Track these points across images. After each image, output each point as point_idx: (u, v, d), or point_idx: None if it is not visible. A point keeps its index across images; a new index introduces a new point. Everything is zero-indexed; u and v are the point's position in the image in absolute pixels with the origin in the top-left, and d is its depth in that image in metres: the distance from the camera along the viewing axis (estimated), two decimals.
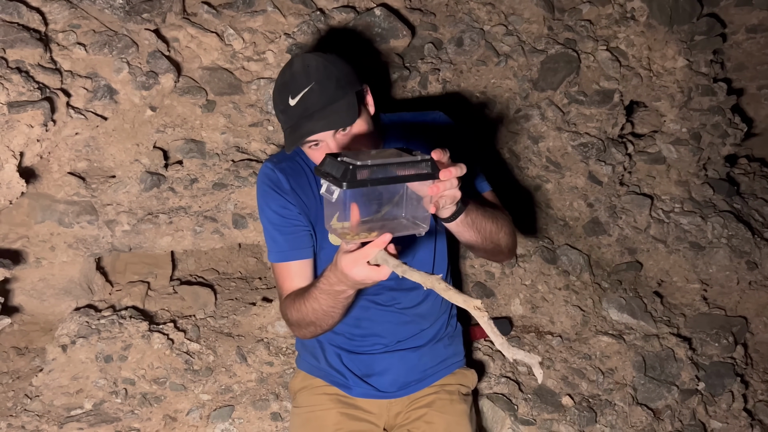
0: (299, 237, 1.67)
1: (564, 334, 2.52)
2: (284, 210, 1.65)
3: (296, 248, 1.67)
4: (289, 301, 1.62)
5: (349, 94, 1.48)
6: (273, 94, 1.55)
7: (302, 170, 1.68)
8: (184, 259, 2.63)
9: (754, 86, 3.80)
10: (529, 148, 2.89)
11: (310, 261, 1.69)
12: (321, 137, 1.46)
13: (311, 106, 1.44)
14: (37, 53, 2.00)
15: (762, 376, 2.83)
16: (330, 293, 1.43)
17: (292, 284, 1.67)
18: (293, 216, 1.66)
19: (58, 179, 2.13)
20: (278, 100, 1.51)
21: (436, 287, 1.14)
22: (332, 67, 1.48)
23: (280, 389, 2.05)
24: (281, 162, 1.68)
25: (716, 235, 2.98)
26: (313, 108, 1.44)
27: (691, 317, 2.77)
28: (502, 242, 1.58)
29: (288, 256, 1.67)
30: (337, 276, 1.35)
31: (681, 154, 3.10)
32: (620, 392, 2.35)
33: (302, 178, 1.67)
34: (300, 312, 1.56)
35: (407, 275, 1.17)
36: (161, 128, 2.27)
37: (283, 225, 1.66)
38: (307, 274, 1.68)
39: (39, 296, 2.15)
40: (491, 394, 2.16)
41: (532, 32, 2.93)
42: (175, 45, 2.31)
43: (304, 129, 1.44)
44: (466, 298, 1.10)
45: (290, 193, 1.65)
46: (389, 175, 1.15)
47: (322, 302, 1.48)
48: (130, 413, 1.89)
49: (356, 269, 1.25)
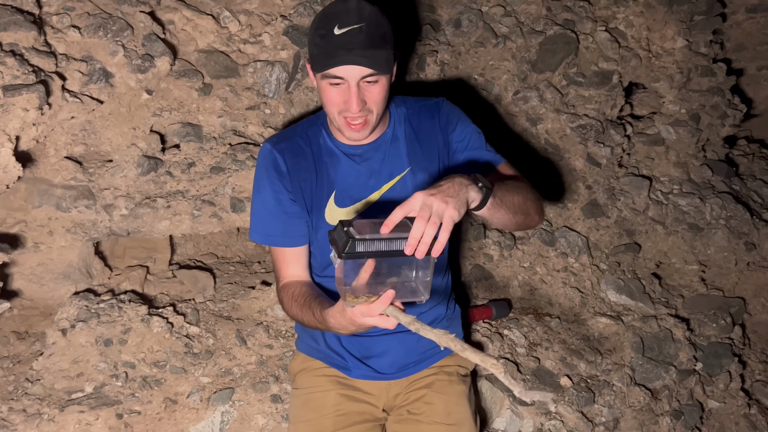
0: (291, 225, 1.69)
1: (562, 316, 2.53)
2: (279, 195, 1.67)
3: (288, 236, 1.70)
4: (287, 296, 1.67)
5: (389, 49, 1.51)
6: (315, 20, 1.55)
7: (301, 151, 1.68)
8: (183, 244, 2.63)
9: (754, 67, 3.77)
10: (528, 131, 2.88)
11: (304, 248, 1.73)
12: (350, 75, 1.47)
13: (355, 42, 1.45)
14: (31, 36, 1.98)
15: (759, 356, 2.84)
16: (329, 329, 1.50)
17: (288, 271, 1.72)
18: (287, 203, 1.68)
19: (54, 164, 2.12)
20: (320, 25, 1.50)
21: (451, 347, 1.19)
22: (383, 19, 1.51)
23: (279, 372, 2.06)
24: (280, 142, 1.69)
25: (715, 216, 2.98)
26: (355, 45, 1.45)
27: (689, 298, 2.78)
28: (531, 209, 1.58)
29: (278, 242, 1.71)
30: (341, 322, 1.40)
31: (680, 135, 3.09)
32: (618, 373, 2.37)
33: (300, 159, 1.68)
34: (293, 313, 1.65)
35: (421, 332, 1.23)
36: (158, 112, 2.25)
37: (275, 211, 1.68)
38: (303, 260, 1.73)
39: (38, 281, 2.15)
40: (490, 375, 2.17)
41: (531, 13, 2.91)
42: (170, 28, 2.29)
43: (343, 58, 1.45)
44: (483, 357, 1.16)
45: (286, 176, 1.67)
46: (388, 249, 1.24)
47: (318, 325, 1.55)
48: (130, 396, 1.90)
49: (366, 320, 1.30)
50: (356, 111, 1.51)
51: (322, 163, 1.69)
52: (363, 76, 1.48)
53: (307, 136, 1.70)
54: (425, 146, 1.72)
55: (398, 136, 1.71)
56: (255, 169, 1.72)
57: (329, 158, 1.69)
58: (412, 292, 1.33)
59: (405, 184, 1.71)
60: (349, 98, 1.50)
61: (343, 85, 1.49)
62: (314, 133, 1.71)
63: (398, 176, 1.71)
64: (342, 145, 1.69)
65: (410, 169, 1.71)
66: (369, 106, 1.53)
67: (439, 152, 1.73)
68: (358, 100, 1.50)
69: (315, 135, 1.70)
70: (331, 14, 1.49)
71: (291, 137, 1.70)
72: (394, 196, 1.70)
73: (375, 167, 1.69)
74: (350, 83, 1.48)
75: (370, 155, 1.69)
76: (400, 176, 1.71)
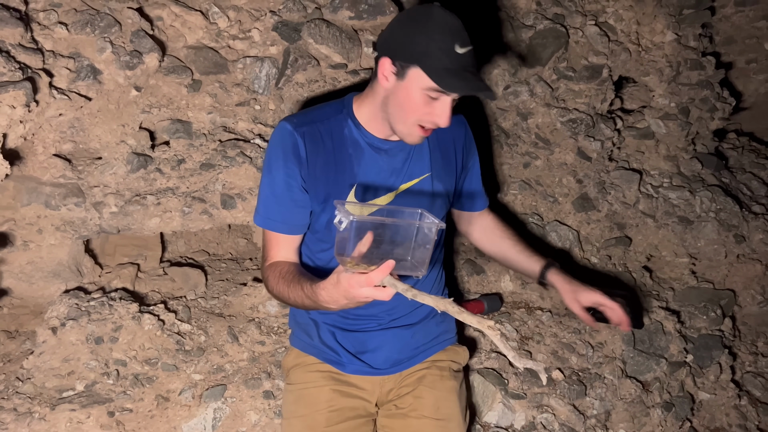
0: (294, 213, 1.66)
1: (554, 309, 2.54)
2: (290, 180, 1.63)
3: (287, 222, 1.67)
4: (273, 274, 1.64)
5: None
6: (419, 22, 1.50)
7: (322, 138, 1.64)
8: (174, 241, 2.63)
9: (743, 60, 3.79)
10: (519, 125, 2.89)
11: (300, 237, 1.71)
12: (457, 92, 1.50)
13: (473, 65, 1.50)
14: (18, 33, 1.97)
15: (749, 347, 2.87)
16: (318, 304, 1.46)
17: (278, 254, 1.69)
18: (296, 190, 1.64)
19: (43, 161, 2.10)
20: (436, 36, 1.47)
21: (449, 310, 1.24)
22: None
23: (272, 368, 2.06)
24: (302, 126, 1.63)
25: (704, 209, 2.99)
26: (474, 68, 1.50)
27: (679, 291, 2.80)
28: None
29: (277, 227, 1.68)
30: (334, 295, 1.37)
31: (670, 128, 3.10)
32: (609, 365, 2.38)
33: (320, 146, 1.63)
34: (279, 290, 1.61)
35: (418, 299, 1.26)
36: (147, 108, 2.24)
37: (282, 196, 1.64)
38: (295, 246, 1.71)
39: (28, 279, 2.13)
40: (482, 369, 2.18)
41: (521, 7, 2.91)
42: (159, 24, 2.28)
43: (472, 83, 1.47)
44: (479, 319, 1.21)
45: (304, 162, 1.62)
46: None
47: (306, 303, 1.52)
48: (122, 394, 1.89)
49: (362, 290, 1.28)
50: (447, 126, 1.54)
51: (345, 154, 1.65)
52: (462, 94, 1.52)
53: (330, 123, 1.65)
54: (445, 158, 1.77)
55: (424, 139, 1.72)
56: (268, 146, 1.66)
57: (354, 150, 1.65)
58: (410, 267, 1.35)
59: (423, 188, 1.72)
60: (443, 113, 1.52)
61: (439, 99, 1.51)
62: (338, 123, 1.66)
63: (418, 178, 1.71)
64: (369, 137, 1.65)
65: (430, 174, 1.72)
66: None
67: (456, 170, 1.79)
68: (451, 116, 1.54)
69: (339, 125, 1.66)
70: (446, 26, 1.47)
71: (312, 121, 1.64)
72: (411, 197, 1.70)
73: (397, 166, 1.68)
74: (448, 99, 1.51)
75: (396, 153, 1.68)
76: (420, 178, 1.71)
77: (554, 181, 2.90)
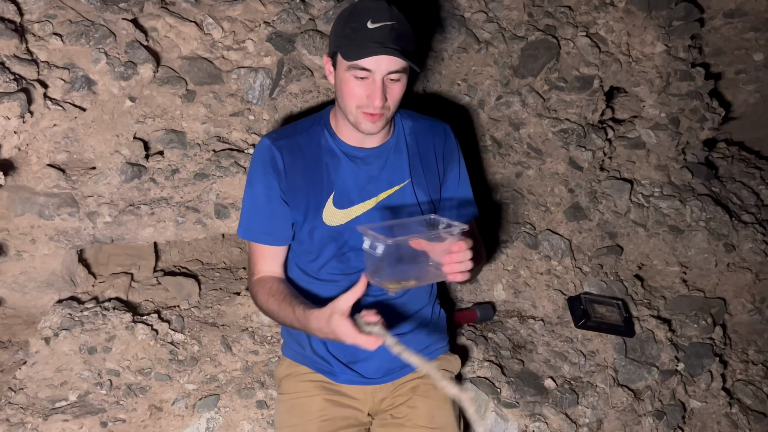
0: (276, 224, 1.70)
1: (546, 318, 2.56)
2: (270, 192, 1.68)
3: (270, 234, 1.71)
4: (263, 290, 1.68)
5: (414, 49, 1.57)
6: (343, 15, 1.58)
7: (301, 149, 1.69)
8: (168, 251, 2.63)
9: (732, 71, 3.83)
10: (511, 135, 2.91)
11: (284, 249, 1.75)
12: (379, 68, 1.51)
13: (388, 37, 1.50)
14: (13, 44, 1.98)
15: (740, 355, 2.89)
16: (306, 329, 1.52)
17: (264, 267, 1.73)
18: (276, 201, 1.68)
19: (37, 171, 2.11)
20: (351, 19, 1.53)
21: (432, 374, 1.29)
22: (407, 22, 1.57)
23: (265, 377, 2.07)
24: (280, 139, 1.69)
25: (695, 218, 3.02)
26: (388, 40, 1.50)
27: (670, 299, 2.82)
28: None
29: (259, 239, 1.72)
30: (323, 328, 1.42)
31: (660, 138, 3.13)
32: (601, 374, 2.39)
33: (299, 157, 1.68)
34: (269, 307, 1.65)
35: (403, 356, 1.30)
36: (141, 119, 2.25)
37: (263, 208, 1.69)
38: (280, 258, 1.75)
39: (21, 289, 2.13)
40: (474, 378, 2.19)
41: (513, 19, 2.94)
42: (153, 35, 2.29)
43: (376, 49, 1.48)
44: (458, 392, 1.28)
45: (282, 174, 1.67)
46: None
47: (294, 324, 1.56)
48: (115, 404, 1.89)
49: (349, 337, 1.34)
50: (379, 105, 1.54)
51: (322, 163, 1.69)
52: (390, 70, 1.52)
53: (307, 135, 1.71)
54: (426, 166, 1.77)
55: (401, 147, 1.74)
56: (250, 163, 1.72)
57: (330, 159, 1.69)
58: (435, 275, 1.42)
59: (404, 195, 1.74)
60: (373, 92, 1.53)
61: (367, 79, 1.53)
62: (315, 133, 1.71)
63: (398, 186, 1.73)
64: (344, 146, 1.70)
65: (410, 181, 1.74)
66: (388, 104, 1.57)
67: (439, 176, 1.80)
68: (382, 95, 1.53)
69: (316, 135, 1.71)
70: (363, 10, 1.53)
71: (291, 135, 1.70)
72: (392, 204, 1.72)
73: (374, 173, 1.71)
74: (376, 77, 1.52)
75: (372, 160, 1.71)
76: (399, 186, 1.73)
77: (546, 190, 2.92)
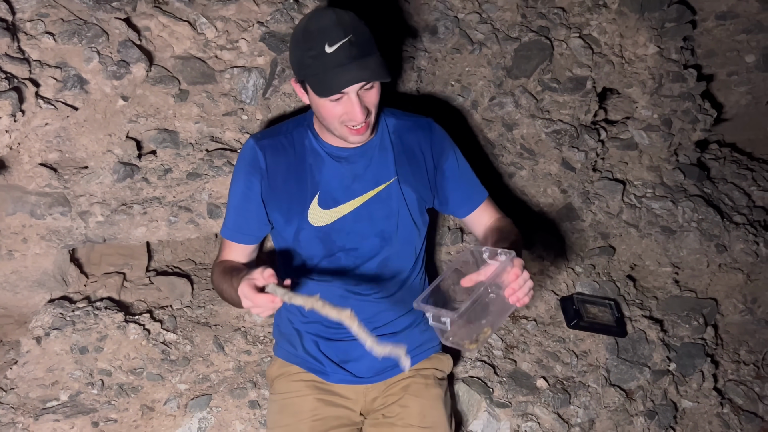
0: (248, 223, 1.73)
1: (538, 318, 2.56)
2: (248, 192, 1.70)
3: (240, 231, 1.74)
4: (218, 268, 1.71)
5: (377, 53, 1.53)
6: (298, 39, 1.53)
7: (284, 150, 1.70)
8: (160, 250, 2.62)
9: (724, 72, 3.85)
10: (504, 136, 2.92)
11: (251, 247, 1.77)
12: (351, 89, 1.49)
13: (348, 57, 1.47)
14: (4, 43, 1.97)
15: (732, 356, 2.90)
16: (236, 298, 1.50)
17: (229, 257, 1.77)
18: (254, 200, 1.70)
19: (29, 170, 2.10)
20: (308, 45, 1.49)
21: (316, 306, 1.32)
22: (363, 25, 1.53)
23: (257, 377, 2.07)
24: (263, 139, 1.71)
25: (687, 219, 3.03)
26: (349, 60, 1.47)
27: (662, 300, 2.83)
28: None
29: (230, 236, 1.75)
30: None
31: (652, 139, 3.14)
32: (593, 374, 2.40)
33: (282, 157, 1.69)
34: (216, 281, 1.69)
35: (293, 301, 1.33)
36: (134, 118, 2.25)
37: (239, 205, 1.72)
38: (246, 256, 1.77)
39: (12, 289, 2.12)
40: (467, 378, 2.20)
41: (506, 20, 2.95)
42: (146, 34, 2.29)
43: (341, 78, 1.46)
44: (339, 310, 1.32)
45: (264, 173, 1.69)
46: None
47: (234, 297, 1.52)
48: (106, 404, 1.89)
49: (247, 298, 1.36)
50: (361, 120, 1.54)
51: (306, 164, 1.70)
52: (362, 86, 1.51)
53: (291, 136, 1.72)
54: (413, 162, 1.77)
55: (386, 145, 1.74)
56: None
57: (314, 159, 1.70)
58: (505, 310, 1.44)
59: (390, 193, 1.74)
60: (351, 109, 1.53)
61: (342, 98, 1.52)
62: (299, 134, 1.72)
63: (384, 184, 1.73)
64: (328, 146, 1.70)
65: (396, 179, 1.74)
66: (369, 111, 1.57)
67: (428, 173, 1.79)
68: (362, 109, 1.53)
69: (300, 136, 1.72)
70: (316, 31, 1.49)
71: (275, 135, 1.72)
72: (379, 202, 1.72)
73: (359, 172, 1.71)
74: (351, 96, 1.51)
75: (356, 159, 1.71)
76: (386, 184, 1.73)
77: (539, 191, 2.93)
